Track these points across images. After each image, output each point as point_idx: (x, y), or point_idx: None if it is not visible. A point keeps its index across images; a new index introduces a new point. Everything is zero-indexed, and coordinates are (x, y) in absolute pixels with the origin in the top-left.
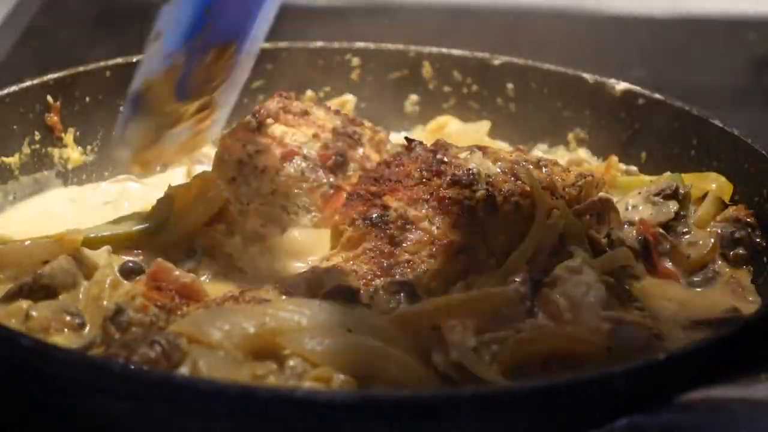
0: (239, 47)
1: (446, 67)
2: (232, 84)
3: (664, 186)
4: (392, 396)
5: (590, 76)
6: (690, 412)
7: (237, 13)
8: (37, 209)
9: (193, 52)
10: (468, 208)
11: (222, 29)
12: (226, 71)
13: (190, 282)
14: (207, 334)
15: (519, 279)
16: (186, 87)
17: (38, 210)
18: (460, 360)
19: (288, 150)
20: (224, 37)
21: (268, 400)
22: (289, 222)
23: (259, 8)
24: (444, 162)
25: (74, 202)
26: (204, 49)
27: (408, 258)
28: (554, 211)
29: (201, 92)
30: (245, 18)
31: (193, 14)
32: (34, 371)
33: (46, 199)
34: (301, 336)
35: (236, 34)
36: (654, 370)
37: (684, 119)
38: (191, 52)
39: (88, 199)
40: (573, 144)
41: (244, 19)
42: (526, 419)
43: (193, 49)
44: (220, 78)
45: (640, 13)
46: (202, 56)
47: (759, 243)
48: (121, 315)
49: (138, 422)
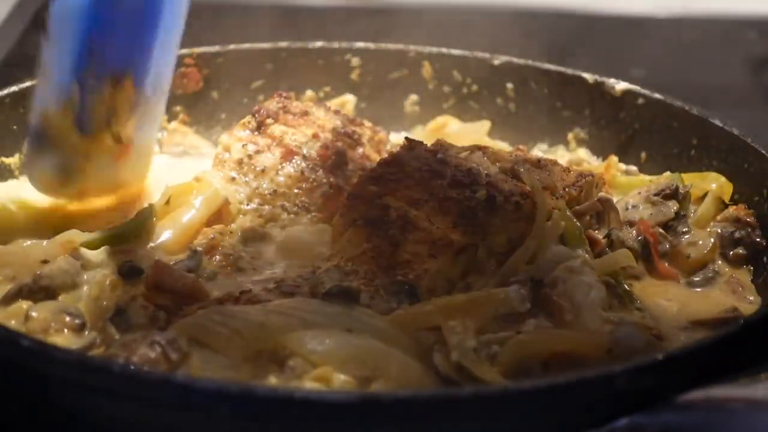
0: (138, 79)
1: (446, 67)
2: (148, 120)
3: (664, 186)
4: (392, 396)
5: (590, 76)
6: (690, 412)
7: (125, 43)
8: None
9: (86, 84)
10: (468, 208)
11: (111, 59)
12: (131, 105)
13: (190, 282)
14: (207, 334)
15: (519, 280)
16: (86, 121)
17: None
18: (461, 360)
19: (288, 150)
20: (115, 68)
21: (268, 400)
22: (289, 222)
23: (152, 40)
24: (444, 162)
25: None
26: (96, 80)
27: (408, 258)
28: (555, 211)
29: (106, 126)
30: (136, 48)
31: (77, 47)
32: (34, 372)
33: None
34: (302, 336)
35: (129, 64)
36: (654, 370)
37: (684, 119)
38: (84, 85)
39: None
40: (573, 144)
41: (136, 49)
42: (526, 419)
43: (85, 82)
44: (124, 112)
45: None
46: (97, 88)
47: (759, 243)
48: (121, 315)
49: (138, 422)
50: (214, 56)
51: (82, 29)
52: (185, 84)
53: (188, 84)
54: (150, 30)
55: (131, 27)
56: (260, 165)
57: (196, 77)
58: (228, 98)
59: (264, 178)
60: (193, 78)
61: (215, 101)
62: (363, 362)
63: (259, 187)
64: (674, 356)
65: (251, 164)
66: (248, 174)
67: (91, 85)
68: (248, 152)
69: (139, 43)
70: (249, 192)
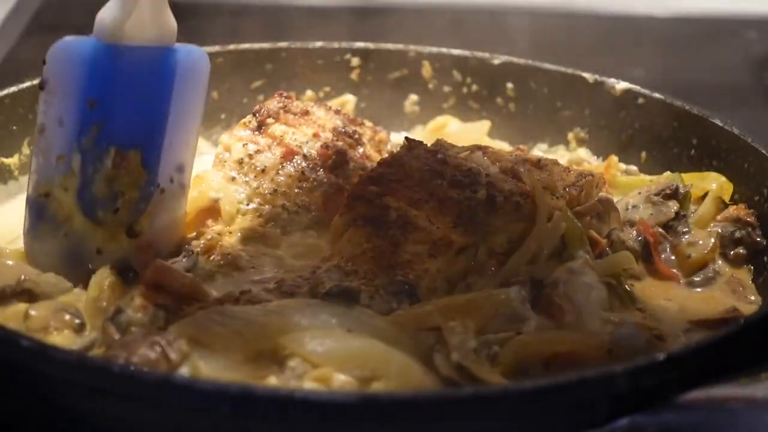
0: (148, 160)
1: (446, 66)
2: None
3: (664, 186)
4: (392, 396)
5: (590, 75)
6: (690, 412)
7: (133, 117)
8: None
9: (88, 153)
10: (468, 208)
11: (117, 131)
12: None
13: (189, 282)
14: (207, 334)
15: (520, 280)
16: (88, 198)
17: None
18: (461, 361)
19: (288, 149)
20: (122, 141)
21: (268, 400)
22: (289, 222)
23: (163, 119)
24: (444, 162)
25: None
26: (100, 150)
27: (408, 258)
28: (556, 212)
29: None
30: (146, 125)
31: (77, 108)
32: (34, 372)
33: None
34: (302, 336)
35: (137, 141)
36: (654, 370)
37: (684, 119)
38: (85, 155)
39: None
40: (573, 144)
41: (146, 126)
42: (526, 419)
43: (87, 150)
44: (131, 192)
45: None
46: (101, 159)
47: (759, 242)
48: (120, 315)
49: (138, 423)
50: (214, 56)
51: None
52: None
53: None
54: (159, 107)
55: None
56: (260, 165)
57: None
58: (228, 98)
59: (264, 178)
60: None
61: (215, 101)
62: (363, 362)
63: (260, 186)
64: (674, 356)
65: (251, 164)
66: (248, 174)
67: (93, 156)
68: (248, 152)
69: (149, 119)
70: (249, 192)
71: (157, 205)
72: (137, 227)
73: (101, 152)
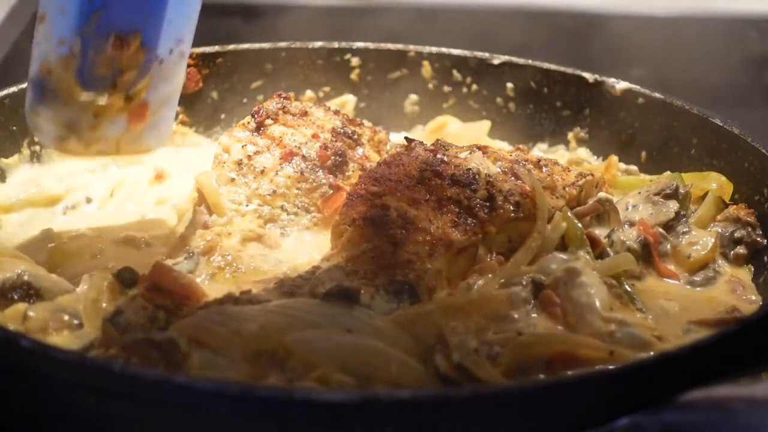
0: (148, 41)
1: (446, 66)
2: (165, 82)
3: (664, 186)
4: (392, 396)
5: (590, 75)
6: (690, 412)
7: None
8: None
9: (88, 39)
10: (468, 208)
11: (117, 17)
12: (139, 66)
13: (188, 282)
14: (207, 334)
15: (521, 280)
16: (89, 76)
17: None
18: (462, 361)
19: (287, 150)
20: (121, 26)
21: (268, 400)
22: (289, 222)
23: (163, 3)
24: (444, 162)
25: None
26: (100, 36)
27: (408, 258)
28: (556, 212)
29: (110, 83)
30: (146, 9)
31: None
32: (34, 372)
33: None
34: (301, 336)
35: (137, 25)
36: (654, 370)
37: (684, 119)
38: (86, 40)
39: None
40: (573, 143)
41: (145, 9)
42: (526, 419)
43: (88, 36)
44: (131, 72)
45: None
46: (101, 44)
47: (759, 242)
48: (120, 316)
49: (138, 423)
50: (214, 56)
51: None
52: (185, 84)
53: (188, 84)
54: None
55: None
56: (260, 166)
57: (196, 77)
58: (228, 98)
59: (263, 179)
60: (193, 78)
61: (215, 101)
62: (363, 362)
63: (259, 187)
64: (674, 356)
65: (251, 165)
66: (248, 175)
67: (94, 40)
68: (248, 153)
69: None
70: (248, 193)
71: (155, 74)
72: (135, 94)
73: (101, 38)
